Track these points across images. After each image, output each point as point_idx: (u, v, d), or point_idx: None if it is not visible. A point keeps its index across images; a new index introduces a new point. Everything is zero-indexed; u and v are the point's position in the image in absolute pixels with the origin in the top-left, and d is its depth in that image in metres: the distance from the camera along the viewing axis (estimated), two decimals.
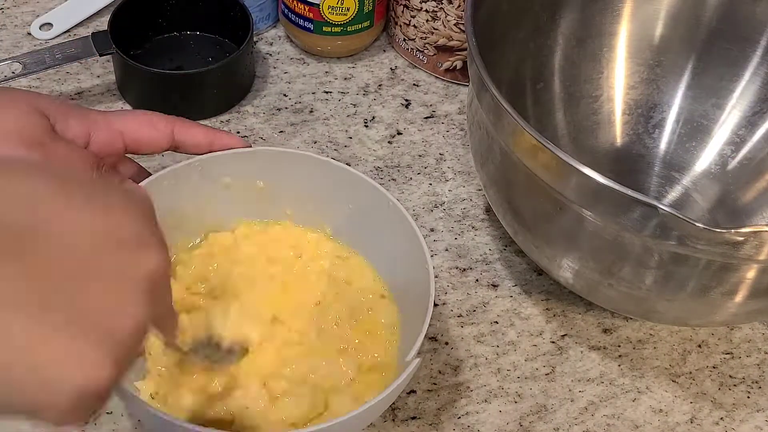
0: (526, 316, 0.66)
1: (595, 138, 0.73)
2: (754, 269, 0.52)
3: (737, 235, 0.49)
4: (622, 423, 0.61)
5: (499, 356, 0.63)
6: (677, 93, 0.73)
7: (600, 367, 0.63)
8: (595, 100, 0.73)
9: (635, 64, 0.73)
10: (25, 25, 0.81)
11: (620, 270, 0.56)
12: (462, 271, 0.68)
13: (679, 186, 0.72)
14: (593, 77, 0.73)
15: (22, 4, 0.83)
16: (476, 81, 0.58)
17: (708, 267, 0.52)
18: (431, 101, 0.79)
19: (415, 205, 0.71)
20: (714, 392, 0.63)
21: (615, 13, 0.72)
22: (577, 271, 0.59)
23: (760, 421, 0.62)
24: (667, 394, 0.62)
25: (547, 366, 0.63)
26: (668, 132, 0.73)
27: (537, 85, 0.71)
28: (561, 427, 0.60)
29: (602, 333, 0.65)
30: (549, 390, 0.62)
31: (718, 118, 0.72)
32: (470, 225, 0.70)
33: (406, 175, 0.73)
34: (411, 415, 0.60)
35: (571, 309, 0.66)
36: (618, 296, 0.58)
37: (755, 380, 0.63)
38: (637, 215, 0.51)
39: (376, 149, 0.75)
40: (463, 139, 0.76)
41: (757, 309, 0.57)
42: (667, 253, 0.52)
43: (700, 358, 0.64)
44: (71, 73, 0.78)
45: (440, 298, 0.66)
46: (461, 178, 0.73)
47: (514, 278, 0.68)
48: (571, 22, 0.71)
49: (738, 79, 0.71)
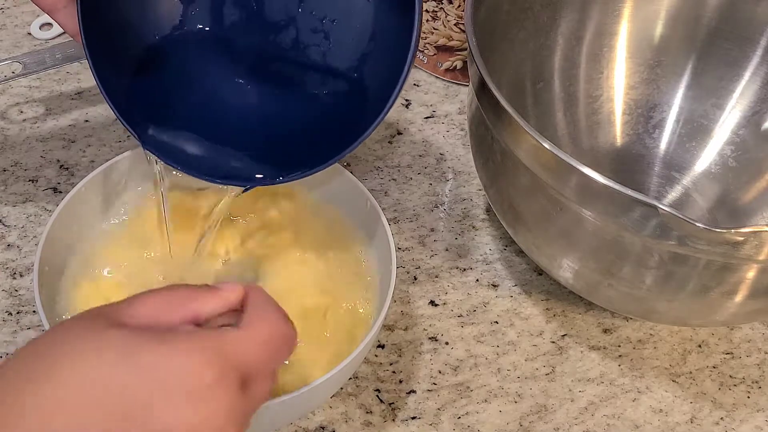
0: (526, 316, 0.66)
1: (595, 138, 0.73)
2: (754, 269, 0.52)
3: (737, 235, 0.49)
4: (622, 423, 0.61)
5: (499, 356, 0.63)
6: (677, 93, 0.73)
7: (600, 367, 0.63)
8: (595, 100, 0.73)
9: (635, 64, 0.73)
10: (25, 25, 0.81)
11: (620, 270, 0.56)
12: (462, 271, 0.68)
13: (679, 186, 0.72)
14: (593, 77, 0.73)
15: (22, 4, 0.83)
16: (476, 81, 0.58)
17: (708, 267, 0.52)
18: (431, 101, 0.79)
19: (415, 205, 0.71)
20: (714, 392, 0.63)
21: (615, 13, 0.72)
22: (577, 271, 0.59)
23: (760, 421, 0.62)
24: (667, 394, 0.62)
25: (547, 366, 0.63)
26: (668, 132, 0.73)
27: (537, 85, 0.71)
28: (561, 427, 0.60)
29: (602, 333, 0.65)
30: (549, 390, 0.62)
31: (718, 118, 0.72)
32: (470, 225, 0.70)
33: (406, 175, 0.73)
34: (411, 415, 0.60)
35: (571, 309, 0.66)
36: (618, 296, 0.58)
37: (755, 380, 0.63)
38: (637, 215, 0.51)
39: (376, 149, 0.74)
40: (463, 139, 0.76)
41: (757, 309, 0.57)
42: (667, 253, 0.52)
43: (700, 358, 0.64)
44: (71, 73, 0.78)
45: (440, 298, 0.66)
46: (461, 178, 0.73)
47: (514, 278, 0.68)
48: (571, 22, 0.71)
49: (738, 79, 0.71)
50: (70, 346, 0.38)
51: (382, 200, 0.71)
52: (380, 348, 0.63)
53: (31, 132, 0.74)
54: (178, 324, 0.40)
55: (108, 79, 0.54)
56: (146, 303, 0.40)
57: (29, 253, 0.66)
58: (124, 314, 0.39)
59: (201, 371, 0.37)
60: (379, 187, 0.72)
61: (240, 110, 0.58)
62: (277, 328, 0.41)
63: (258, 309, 0.41)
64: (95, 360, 0.37)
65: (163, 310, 0.40)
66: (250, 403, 0.40)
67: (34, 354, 0.38)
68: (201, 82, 0.58)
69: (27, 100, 0.76)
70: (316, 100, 0.57)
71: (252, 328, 0.40)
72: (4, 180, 0.70)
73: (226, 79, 0.58)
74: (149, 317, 0.39)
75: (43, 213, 0.68)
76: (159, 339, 0.38)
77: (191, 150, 0.56)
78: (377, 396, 0.60)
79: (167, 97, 0.57)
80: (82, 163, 0.71)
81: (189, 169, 0.55)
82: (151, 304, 0.40)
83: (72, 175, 0.71)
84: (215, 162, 0.56)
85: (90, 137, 0.73)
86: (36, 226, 0.67)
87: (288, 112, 0.58)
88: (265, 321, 0.41)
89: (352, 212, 0.61)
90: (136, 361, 0.37)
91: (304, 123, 0.57)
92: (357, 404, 0.60)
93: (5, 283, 0.64)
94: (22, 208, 0.68)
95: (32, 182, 0.70)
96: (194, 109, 0.57)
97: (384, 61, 0.54)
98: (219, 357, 0.38)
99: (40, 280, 0.54)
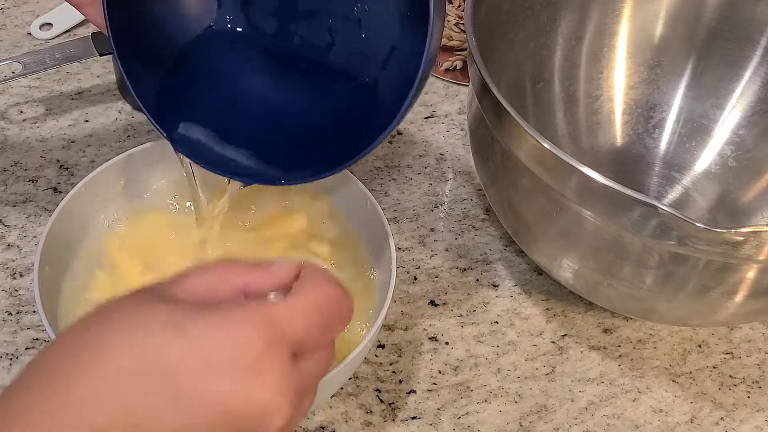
0: (526, 316, 0.66)
1: (595, 138, 0.73)
2: (754, 269, 0.52)
3: (737, 235, 0.49)
4: (622, 423, 0.61)
5: (499, 356, 0.63)
6: (677, 93, 0.73)
7: (600, 367, 0.63)
8: (595, 100, 0.73)
9: (635, 64, 0.73)
10: (25, 25, 0.81)
11: (620, 270, 0.56)
12: (462, 271, 0.68)
13: (679, 186, 0.72)
14: (593, 77, 0.73)
15: (22, 4, 0.83)
16: (476, 81, 0.58)
17: (708, 267, 0.52)
18: (431, 101, 0.79)
19: (415, 205, 0.71)
20: (714, 392, 0.63)
21: (615, 13, 0.72)
22: (577, 271, 0.59)
23: (760, 421, 0.62)
24: (667, 394, 0.62)
25: (547, 366, 0.63)
26: (668, 132, 0.73)
27: (537, 85, 0.71)
28: (561, 427, 0.60)
29: (602, 333, 0.65)
30: (549, 390, 0.62)
31: (718, 118, 0.72)
32: (470, 225, 0.70)
33: (406, 175, 0.73)
34: (411, 415, 0.60)
35: (571, 309, 0.66)
36: (618, 296, 0.58)
37: (755, 380, 0.63)
38: (637, 215, 0.51)
39: (377, 149, 0.74)
40: (463, 139, 0.76)
41: (757, 309, 0.57)
42: (667, 253, 0.52)
43: (700, 358, 0.64)
44: (71, 73, 0.78)
45: (440, 298, 0.66)
46: (461, 178, 0.73)
47: (514, 278, 0.68)
48: (571, 22, 0.71)
49: (738, 79, 0.71)
50: (119, 321, 0.37)
51: (382, 200, 0.71)
52: (380, 348, 0.63)
53: (31, 132, 0.74)
54: (227, 297, 0.39)
55: (133, 70, 0.55)
56: (196, 278, 0.40)
57: (29, 253, 0.66)
58: (173, 289, 0.39)
59: (249, 342, 0.37)
60: (379, 187, 0.72)
61: (260, 108, 0.58)
62: (329, 295, 0.40)
63: (308, 278, 0.40)
64: (142, 334, 0.36)
65: (213, 285, 0.39)
66: (305, 376, 0.39)
67: (84, 330, 0.38)
68: (226, 78, 0.58)
69: (27, 100, 0.76)
70: (332, 104, 0.58)
71: (301, 296, 0.39)
72: (4, 180, 0.70)
73: (248, 76, 0.59)
74: (198, 292, 0.39)
75: (43, 213, 0.68)
76: (206, 311, 0.37)
77: (213, 146, 0.56)
78: (377, 396, 0.60)
79: (191, 92, 0.58)
80: (82, 163, 0.71)
81: (210, 165, 0.56)
82: (201, 279, 0.39)
83: (72, 175, 0.71)
84: (234, 160, 0.56)
85: (90, 137, 0.73)
86: (36, 226, 0.67)
87: (304, 114, 0.58)
88: (314, 288, 0.40)
89: (353, 212, 0.61)
90: (183, 333, 0.36)
91: (318, 127, 0.57)
92: (357, 404, 0.60)
93: (5, 283, 0.64)
94: (22, 208, 0.68)
95: (32, 182, 0.70)
96: (218, 105, 0.58)
97: (401, 71, 0.54)
98: (267, 327, 0.37)
99: (40, 280, 0.54)
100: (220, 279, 0.40)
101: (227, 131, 0.57)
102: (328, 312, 0.40)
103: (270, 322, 0.37)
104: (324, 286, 0.40)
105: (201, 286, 0.39)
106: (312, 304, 0.39)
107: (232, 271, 0.40)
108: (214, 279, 0.40)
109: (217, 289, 0.39)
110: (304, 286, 0.40)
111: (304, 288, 0.40)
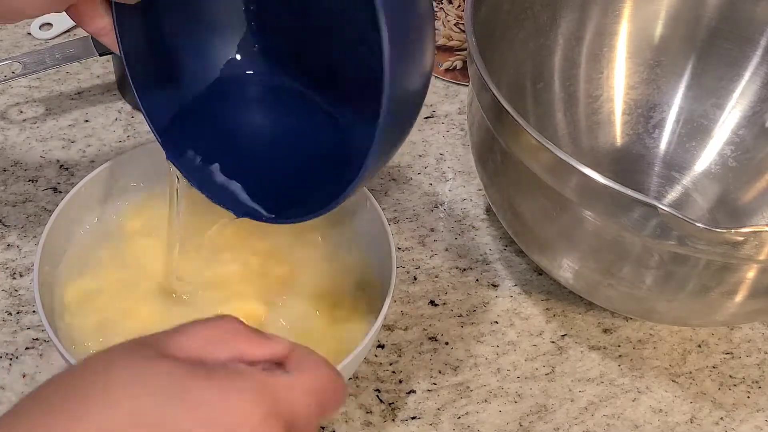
0: (526, 316, 0.66)
1: (595, 138, 0.73)
2: (754, 269, 0.52)
3: (737, 235, 0.49)
4: (622, 423, 0.61)
5: (499, 356, 0.63)
6: (677, 93, 0.73)
7: (600, 367, 0.63)
8: (595, 100, 0.73)
9: (635, 64, 0.73)
10: (25, 25, 0.81)
11: (620, 270, 0.56)
12: (462, 271, 0.68)
13: (679, 186, 0.72)
14: (593, 77, 0.73)
15: None
16: (476, 81, 0.58)
17: (708, 267, 0.52)
18: (431, 101, 0.79)
19: (415, 205, 0.71)
20: (714, 392, 0.63)
21: (615, 13, 0.72)
22: (577, 271, 0.59)
23: (760, 421, 0.62)
24: (667, 394, 0.62)
25: (547, 366, 0.63)
26: (668, 132, 0.73)
27: (537, 85, 0.71)
28: (561, 427, 0.60)
29: (602, 333, 0.65)
30: (549, 390, 0.62)
31: (718, 118, 0.72)
32: (470, 225, 0.70)
33: (406, 175, 0.73)
34: (411, 415, 0.60)
35: (571, 309, 0.66)
36: (618, 296, 0.58)
37: (755, 380, 0.63)
38: (637, 215, 0.51)
39: None
40: (463, 139, 0.76)
41: (757, 309, 0.57)
42: (667, 253, 0.52)
43: (700, 358, 0.64)
44: (71, 73, 0.78)
45: (440, 298, 0.66)
46: (461, 178, 0.73)
47: (514, 278, 0.68)
48: (571, 22, 0.71)
49: (738, 79, 0.71)
50: (115, 374, 0.36)
51: (382, 200, 0.71)
52: (380, 348, 0.63)
53: (31, 132, 0.74)
54: (226, 361, 0.39)
55: (144, 92, 0.55)
56: (195, 334, 0.39)
57: (29, 253, 0.66)
58: (171, 344, 0.38)
59: (249, 411, 0.36)
60: (379, 187, 0.72)
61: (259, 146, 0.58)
62: (328, 380, 0.40)
63: (307, 360, 0.40)
64: (141, 391, 0.36)
65: (212, 345, 0.39)
66: None
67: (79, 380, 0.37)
68: (233, 112, 0.59)
69: (27, 100, 0.76)
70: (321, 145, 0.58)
71: (303, 375, 0.39)
72: (4, 180, 0.70)
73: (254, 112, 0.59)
74: (197, 350, 0.38)
75: (43, 213, 0.68)
76: (208, 375, 0.37)
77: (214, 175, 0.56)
78: (377, 396, 0.60)
79: (199, 119, 0.58)
80: (82, 163, 0.71)
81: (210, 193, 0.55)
82: (200, 336, 0.39)
83: (72, 175, 0.71)
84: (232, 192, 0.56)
85: (90, 137, 0.73)
86: (36, 226, 0.67)
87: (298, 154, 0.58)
88: (316, 371, 0.40)
89: (353, 212, 0.61)
90: (184, 395, 0.36)
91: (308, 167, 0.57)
92: (357, 404, 0.60)
93: (5, 283, 0.64)
94: (22, 208, 0.68)
95: (32, 182, 0.70)
96: (222, 136, 0.58)
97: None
98: (267, 399, 0.37)
99: (40, 280, 0.54)
100: (221, 338, 0.39)
101: (226, 163, 0.56)
102: (325, 395, 0.40)
103: (271, 394, 0.37)
104: (323, 368, 0.40)
105: (200, 343, 0.39)
106: (312, 385, 0.39)
107: (232, 332, 0.40)
108: (214, 337, 0.39)
109: (217, 349, 0.39)
110: (303, 365, 0.40)
111: (304, 368, 0.40)
